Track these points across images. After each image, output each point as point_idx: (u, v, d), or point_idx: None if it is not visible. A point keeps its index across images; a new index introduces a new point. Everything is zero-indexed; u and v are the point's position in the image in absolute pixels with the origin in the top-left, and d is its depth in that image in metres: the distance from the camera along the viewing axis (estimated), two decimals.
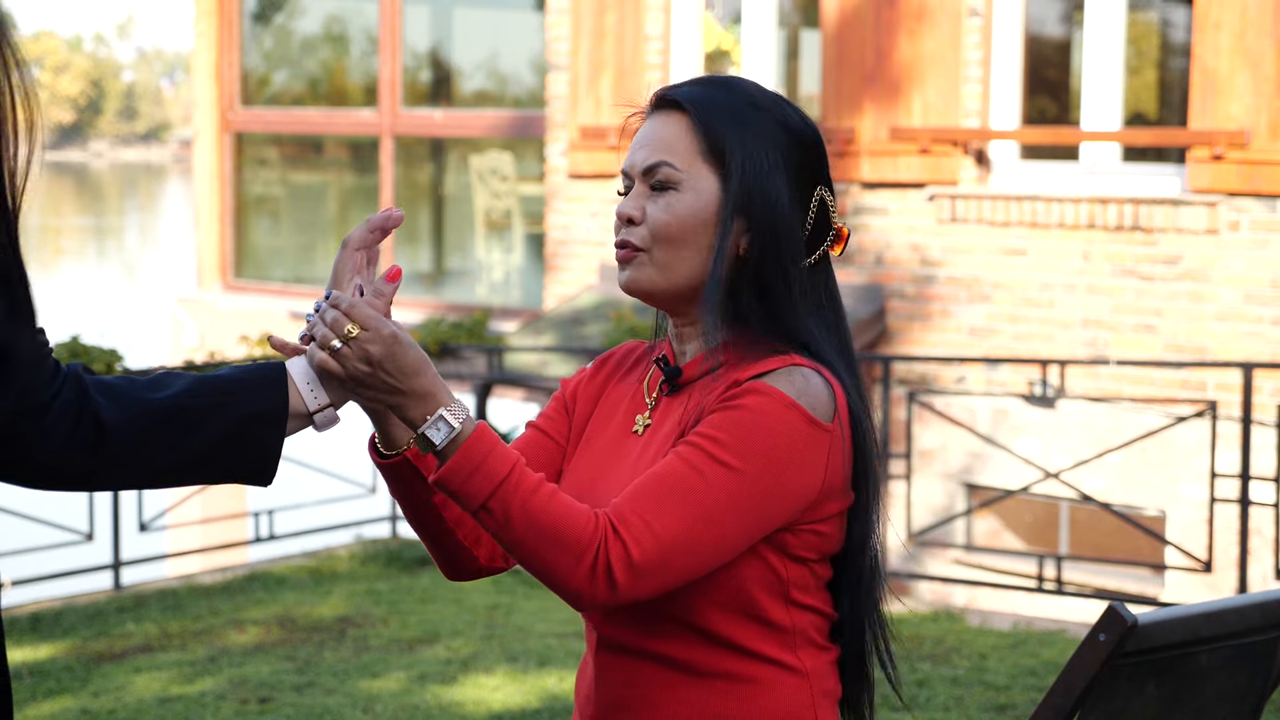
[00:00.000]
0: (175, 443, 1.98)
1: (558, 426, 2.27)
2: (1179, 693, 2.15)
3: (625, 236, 2.12)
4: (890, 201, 9.30)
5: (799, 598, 2.08)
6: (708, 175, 2.09)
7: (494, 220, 13.04)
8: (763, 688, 2.07)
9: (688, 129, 2.10)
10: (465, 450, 1.94)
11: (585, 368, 2.31)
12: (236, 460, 2.01)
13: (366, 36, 13.72)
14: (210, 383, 2.00)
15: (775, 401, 2.00)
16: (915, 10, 9.16)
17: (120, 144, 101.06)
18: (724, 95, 2.11)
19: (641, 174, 2.12)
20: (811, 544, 2.07)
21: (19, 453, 1.94)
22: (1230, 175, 8.20)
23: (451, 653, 6.22)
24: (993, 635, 6.60)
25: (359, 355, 1.95)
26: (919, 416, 8.80)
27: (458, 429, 1.95)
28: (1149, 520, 8.47)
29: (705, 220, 2.09)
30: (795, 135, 2.12)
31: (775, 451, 1.99)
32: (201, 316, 13.38)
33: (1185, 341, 8.36)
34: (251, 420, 1.99)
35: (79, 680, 5.95)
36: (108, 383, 1.99)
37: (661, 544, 1.94)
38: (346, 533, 8.78)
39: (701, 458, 1.98)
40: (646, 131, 2.14)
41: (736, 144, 2.08)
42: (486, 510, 1.94)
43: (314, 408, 2.03)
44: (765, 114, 2.11)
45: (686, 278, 2.10)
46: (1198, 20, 8.35)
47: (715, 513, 1.97)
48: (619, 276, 2.14)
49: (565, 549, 1.93)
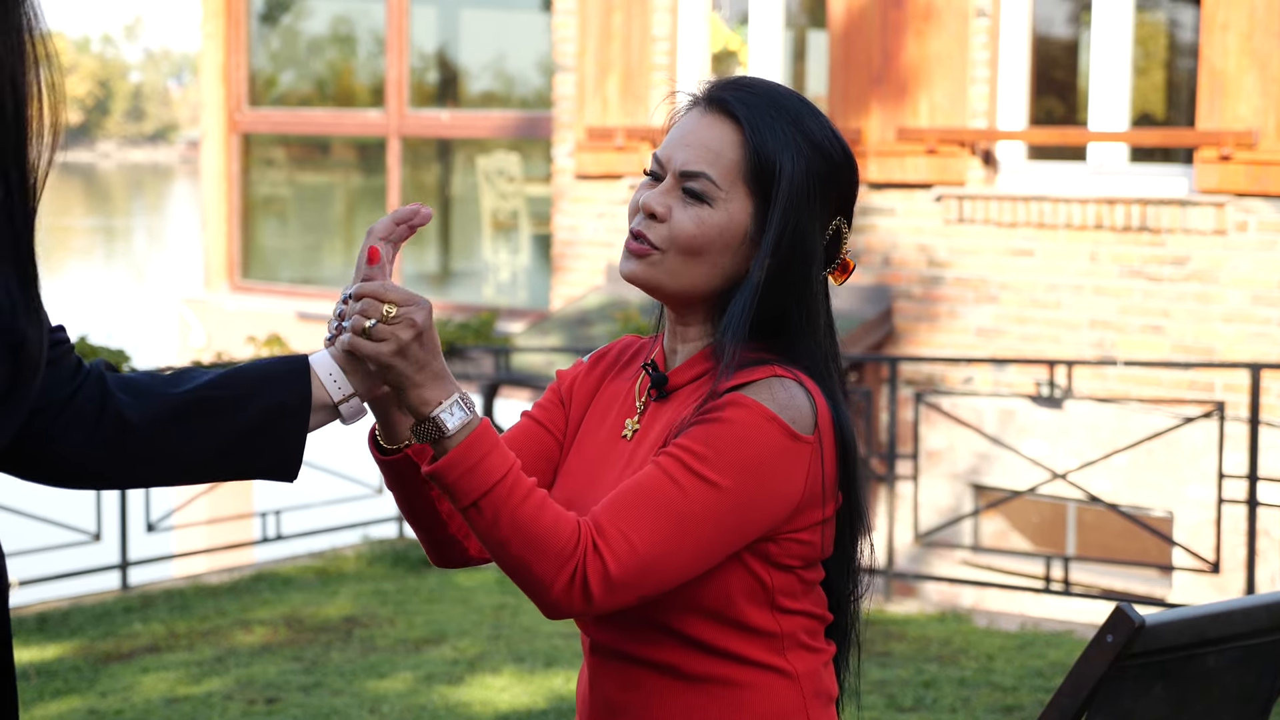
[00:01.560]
0: (197, 437, 1.96)
1: (553, 418, 2.26)
2: (1186, 694, 2.15)
3: (644, 229, 2.08)
4: (897, 202, 9.30)
5: (786, 604, 2.07)
6: (743, 198, 2.06)
7: (501, 221, 13.04)
8: (752, 691, 2.06)
9: (737, 144, 2.06)
10: (468, 444, 1.93)
11: (582, 361, 2.30)
12: (259, 454, 1.99)
13: (373, 37, 13.73)
14: (232, 376, 1.99)
15: (755, 414, 1.98)
16: (922, 11, 9.16)
17: (128, 145, 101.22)
18: (776, 115, 2.07)
19: (678, 173, 2.07)
20: (794, 552, 2.05)
21: (41, 450, 1.94)
22: (1238, 176, 8.19)
23: (458, 653, 6.23)
24: (1000, 636, 6.60)
25: (404, 324, 1.92)
26: (926, 417, 8.79)
27: (470, 418, 1.94)
28: (1156, 521, 8.46)
29: (728, 242, 2.06)
30: (834, 165, 2.09)
31: (754, 465, 1.97)
32: (209, 317, 13.39)
33: (1193, 342, 8.35)
34: (274, 413, 1.97)
35: (86, 680, 5.95)
36: (130, 379, 1.99)
37: (639, 558, 1.94)
38: (353, 533, 8.78)
39: (680, 470, 1.97)
40: (694, 130, 2.09)
41: (783, 177, 2.05)
42: (477, 509, 1.92)
43: (338, 398, 2.01)
44: (811, 141, 2.07)
45: (693, 286, 2.08)
46: (1205, 21, 8.34)
47: (693, 526, 1.96)
48: (622, 263, 2.11)
49: (547, 559, 1.92)
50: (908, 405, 8.92)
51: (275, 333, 8.64)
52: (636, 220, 2.09)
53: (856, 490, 2.11)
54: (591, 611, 1.94)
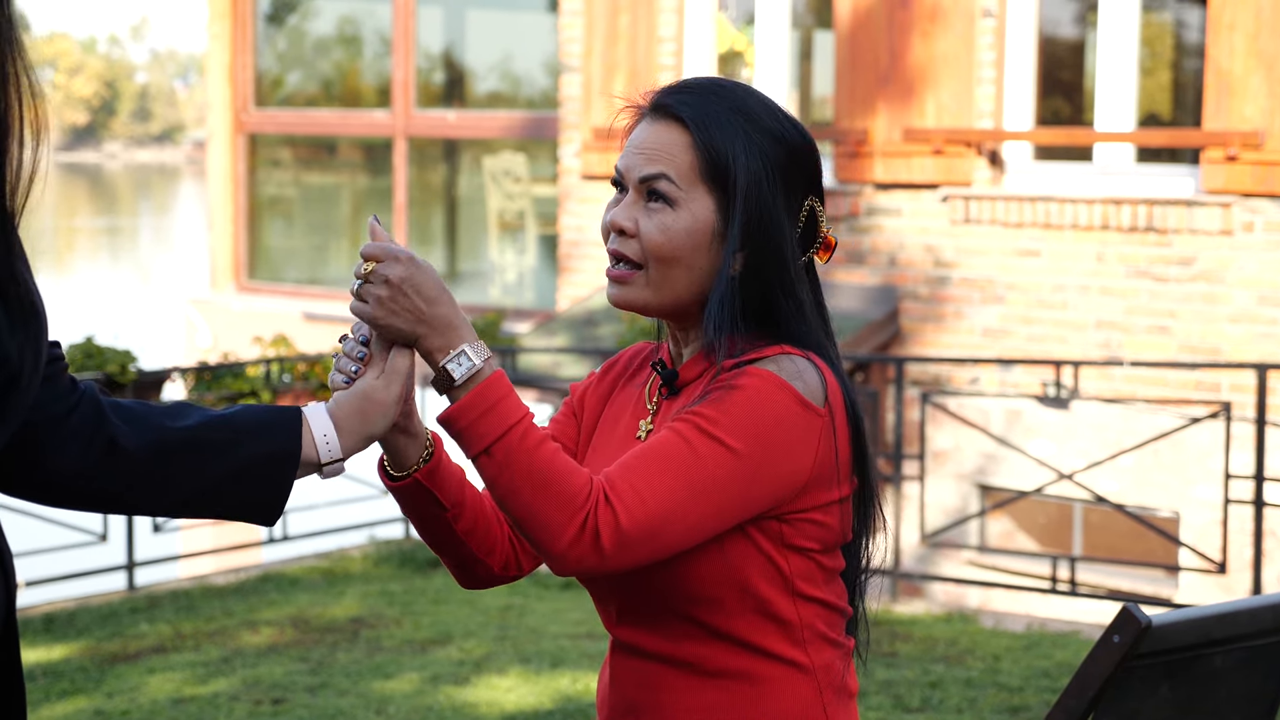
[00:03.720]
0: (185, 474, 1.98)
1: (567, 431, 2.29)
2: (1193, 694, 2.15)
3: (619, 248, 2.11)
4: (904, 202, 9.29)
5: (804, 589, 2.08)
6: (704, 196, 2.08)
7: (507, 221, 13.05)
8: (770, 686, 2.07)
9: (687, 145, 2.09)
10: (481, 390, 1.94)
11: (594, 372, 2.32)
12: (242, 500, 2.00)
13: (380, 38, 13.74)
14: (227, 419, 2.00)
15: (767, 382, 2.01)
16: (929, 11, 9.15)
17: (134, 145, 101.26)
18: (720, 110, 2.09)
19: (638, 181, 2.11)
20: (810, 533, 2.06)
21: (32, 466, 1.94)
22: (1244, 176, 8.19)
23: (464, 654, 6.23)
24: (1006, 637, 6.59)
25: (379, 280, 1.95)
26: (932, 418, 8.79)
27: (478, 365, 1.95)
28: (1163, 521, 8.46)
29: (699, 242, 2.08)
30: (789, 148, 2.11)
31: (767, 429, 1.99)
32: (215, 317, 13.41)
33: (1199, 343, 8.35)
34: (263, 461, 1.99)
35: (93, 681, 5.96)
36: (126, 407, 1.99)
37: (650, 514, 1.95)
38: (360, 534, 8.79)
39: (694, 433, 1.98)
40: (645, 137, 2.12)
41: (738, 168, 2.07)
42: (488, 454, 1.94)
43: (325, 459, 2.02)
44: (761, 129, 2.10)
45: (677, 295, 2.11)
46: (1211, 21, 8.33)
47: (705, 487, 1.97)
48: (608, 290, 2.14)
49: (559, 507, 1.93)
50: (914, 406, 8.92)
51: (281, 333, 8.64)
52: (610, 240, 2.12)
53: (869, 468, 2.13)
54: (602, 566, 1.94)
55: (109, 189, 74.11)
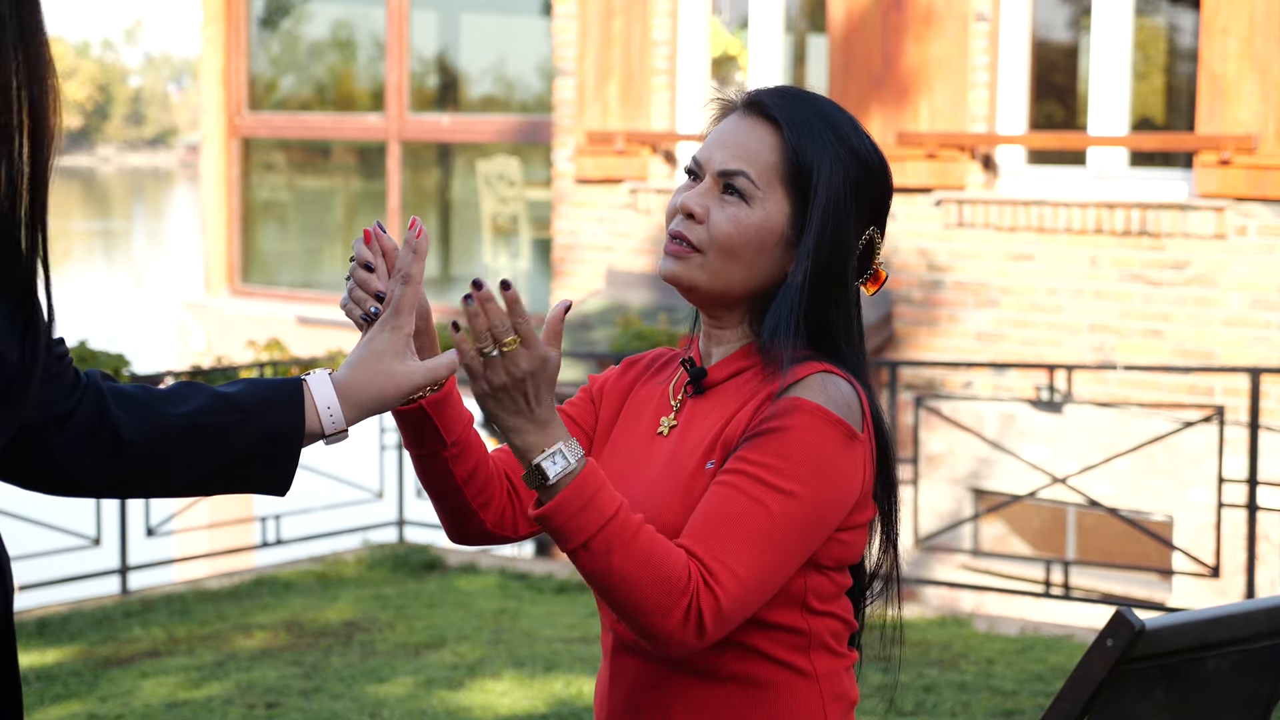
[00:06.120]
0: (191, 459, 1.99)
1: (584, 414, 2.27)
2: (1187, 698, 2.14)
3: (683, 230, 2.10)
4: (897, 206, 9.30)
5: (816, 605, 2.09)
6: (781, 199, 2.09)
7: (501, 225, 13.05)
8: (773, 691, 2.08)
9: (775, 146, 2.09)
10: (578, 484, 1.92)
11: (614, 367, 2.32)
12: (251, 477, 2.02)
13: (373, 42, 13.73)
14: (228, 400, 2.00)
15: (817, 418, 2.00)
16: (922, 15, 9.16)
17: (127, 149, 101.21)
18: (813, 119, 2.10)
19: (717, 173, 2.10)
20: (834, 553, 2.08)
21: (39, 462, 1.96)
22: (1238, 180, 8.19)
23: (458, 658, 6.22)
24: (1000, 640, 6.59)
25: (506, 366, 1.92)
26: (926, 421, 8.79)
27: (573, 466, 1.93)
28: (1156, 525, 8.46)
29: (765, 241, 2.09)
30: (871, 176, 2.13)
31: (825, 468, 2.00)
32: (209, 321, 13.40)
33: (1193, 346, 8.35)
34: (268, 439, 1.99)
35: (86, 685, 5.95)
36: (126, 393, 2.00)
37: (746, 589, 1.96)
38: (354, 537, 8.77)
39: (758, 488, 1.98)
40: (732, 132, 2.12)
41: (821, 180, 2.08)
42: (588, 549, 1.92)
43: (329, 431, 2.02)
44: (849, 147, 2.11)
45: (729, 287, 2.10)
46: (1205, 25, 8.34)
47: (781, 541, 1.98)
48: (662, 264, 2.13)
49: (663, 593, 1.92)
50: (908, 409, 8.92)
51: (275, 337, 8.64)
52: (675, 221, 2.12)
53: (894, 491, 2.15)
54: (701, 645, 1.95)
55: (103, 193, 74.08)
